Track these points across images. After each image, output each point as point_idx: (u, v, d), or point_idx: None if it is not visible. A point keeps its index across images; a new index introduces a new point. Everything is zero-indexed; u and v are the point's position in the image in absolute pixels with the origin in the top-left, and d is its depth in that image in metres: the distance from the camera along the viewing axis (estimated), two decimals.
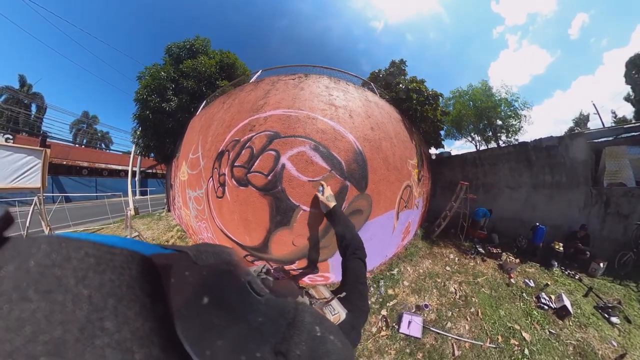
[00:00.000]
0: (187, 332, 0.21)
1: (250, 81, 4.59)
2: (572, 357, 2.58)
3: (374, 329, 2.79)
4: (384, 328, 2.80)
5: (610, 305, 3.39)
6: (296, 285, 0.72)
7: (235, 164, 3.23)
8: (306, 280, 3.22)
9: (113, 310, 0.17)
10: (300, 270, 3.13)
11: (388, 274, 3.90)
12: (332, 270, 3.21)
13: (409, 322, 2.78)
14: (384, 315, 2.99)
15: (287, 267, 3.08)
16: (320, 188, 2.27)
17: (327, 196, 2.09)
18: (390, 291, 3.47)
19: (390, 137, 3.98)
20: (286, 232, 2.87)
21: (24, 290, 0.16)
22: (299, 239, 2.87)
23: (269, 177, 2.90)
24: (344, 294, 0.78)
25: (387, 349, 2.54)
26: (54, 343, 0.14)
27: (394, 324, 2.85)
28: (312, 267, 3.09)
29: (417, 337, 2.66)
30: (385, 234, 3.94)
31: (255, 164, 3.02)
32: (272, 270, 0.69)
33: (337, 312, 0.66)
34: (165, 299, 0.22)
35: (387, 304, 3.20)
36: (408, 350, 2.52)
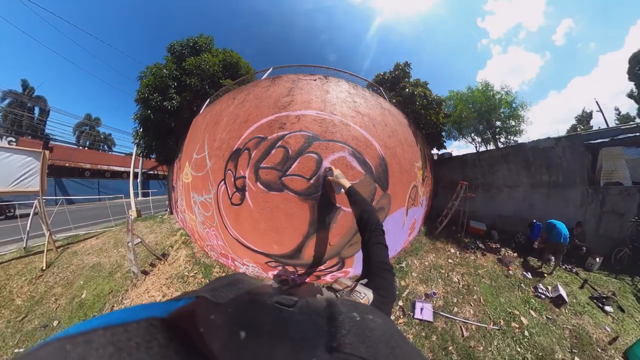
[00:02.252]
0: None
1: (263, 78, 4.38)
2: (568, 340, 2.83)
3: (392, 317, 3.01)
4: (401, 316, 3.06)
5: (604, 295, 3.61)
6: (316, 285, 0.71)
7: (261, 166, 2.96)
8: (327, 278, 3.37)
9: None
10: (326, 270, 3.28)
11: (397, 266, 4.17)
12: (355, 264, 3.41)
13: (421, 309, 3.04)
14: (400, 306, 3.23)
15: (315, 268, 3.21)
16: (330, 171, 2.26)
17: (337, 174, 2.13)
18: (402, 282, 3.74)
19: (402, 144, 4.27)
20: (324, 234, 2.95)
21: None
22: (334, 238, 3.04)
23: (311, 181, 2.77)
24: (365, 280, 0.78)
25: (405, 334, 2.77)
26: None
27: (409, 312, 3.10)
28: (340, 263, 3.29)
29: (429, 321, 2.92)
30: (397, 229, 4.23)
31: (293, 166, 2.83)
32: (287, 278, 0.69)
33: (364, 295, 0.66)
34: (200, 351, 0.22)
35: (402, 295, 3.45)
36: (424, 334, 2.78)
